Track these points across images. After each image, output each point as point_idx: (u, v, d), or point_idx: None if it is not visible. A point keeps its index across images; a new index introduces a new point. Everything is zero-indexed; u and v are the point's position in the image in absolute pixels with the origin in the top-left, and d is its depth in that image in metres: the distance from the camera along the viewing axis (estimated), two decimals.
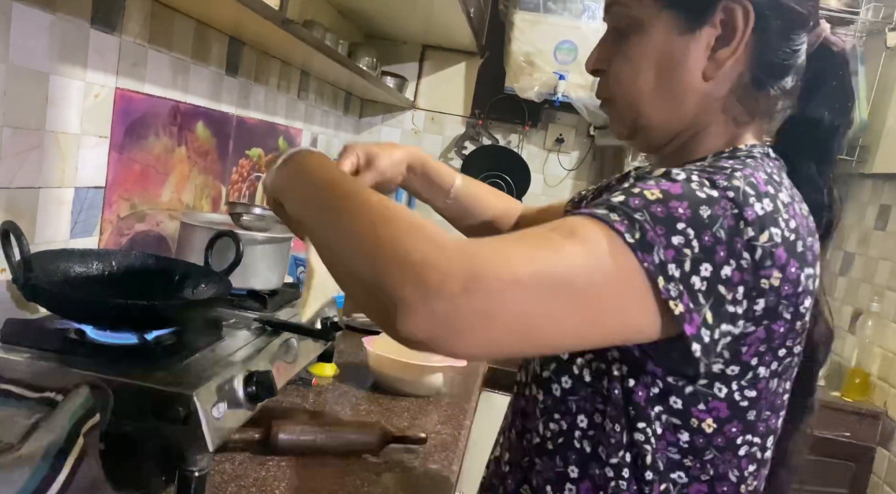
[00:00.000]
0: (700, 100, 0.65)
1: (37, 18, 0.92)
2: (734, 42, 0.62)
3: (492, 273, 0.48)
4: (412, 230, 0.51)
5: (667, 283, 0.51)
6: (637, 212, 0.52)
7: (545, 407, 0.67)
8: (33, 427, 0.65)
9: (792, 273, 0.55)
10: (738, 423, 0.61)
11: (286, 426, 0.96)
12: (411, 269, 0.48)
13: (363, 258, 0.52)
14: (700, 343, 0.53)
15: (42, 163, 0.98)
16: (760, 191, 0.56)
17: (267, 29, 1.30)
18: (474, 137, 2.65)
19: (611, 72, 0.69)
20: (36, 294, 0.82)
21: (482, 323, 0.48)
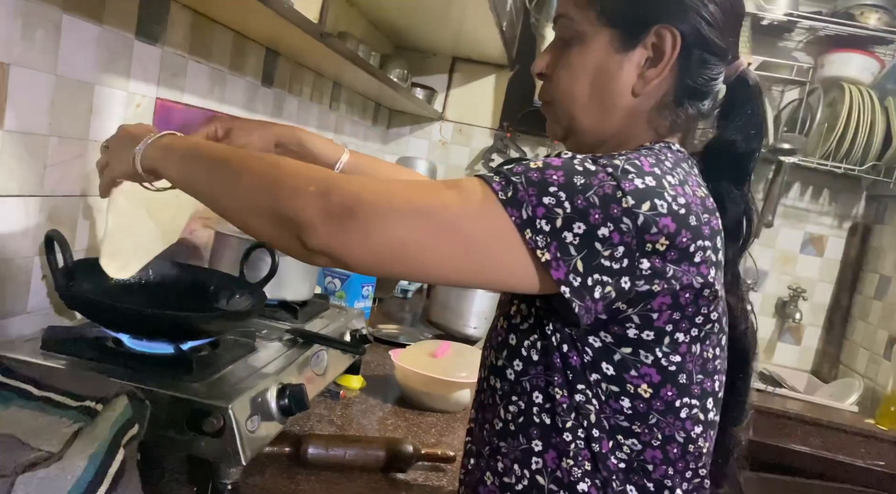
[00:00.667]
0: (627, 112, 0.73)
1: (85, 30, 0.94)
2: (661, 64, 0.70)
3: (373, 201, 0.60)
4: (306, 167, 0.65)
5: (534, 235, 0.60)
6: (515, 176, 0.61)
7: (503, 392, 0.72)
8: (74, 436, 0.65)
9: (682, 242, 0.62)
10: (672, 387, 0.66)
11: (315, 440, 0.96)
12: (310, 196, 0.60)
13: (263, 194, 0.64)
14: (569, 286, 0.60)
15: (85, 171, 0.99)
16: (643, 171, 0.63)
17: (303, 41, 1.31)
18: (502, 150, 2.65)
19: (553, 77, 0.75)
20: (77, 302, 0.83)
21: (364, 240, 0.60)
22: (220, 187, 0.69)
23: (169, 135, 0.76)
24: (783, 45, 2.52)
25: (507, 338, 0.72)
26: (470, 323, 1.84)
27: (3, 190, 0.86)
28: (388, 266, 0.63)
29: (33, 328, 0.93)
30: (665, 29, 0.69)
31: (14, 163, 0.86)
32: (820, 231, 2.56)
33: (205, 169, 0.71)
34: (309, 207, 0.60)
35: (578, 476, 0.67)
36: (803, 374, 2.51)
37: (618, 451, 0.67)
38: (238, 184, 0.66)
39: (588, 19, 0.72)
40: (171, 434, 0.76)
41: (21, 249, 0.91)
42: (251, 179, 0.65)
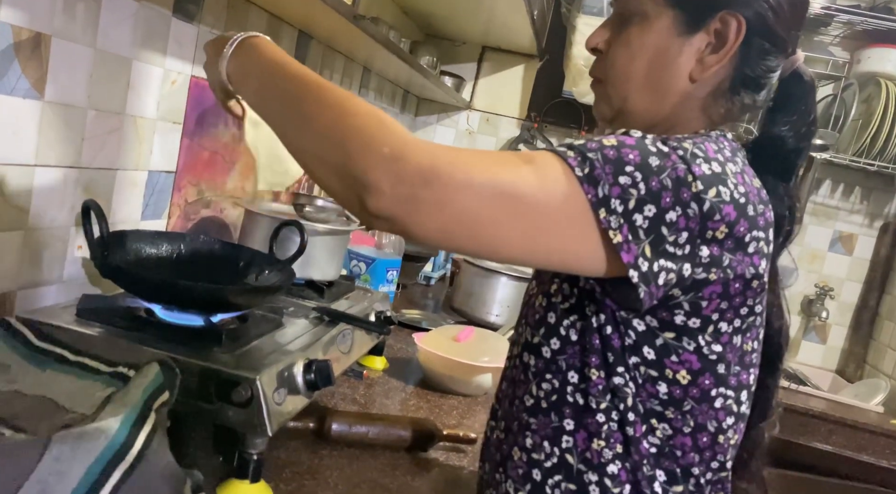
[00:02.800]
0: (682, 97, 0.71)
1: (124, 5, 0.95)
2: (723, 51, 0.69)
3: (450, 172, 0.56)
4: (380, 124, 0.58)
5: (608, 215, 0.58)
6: (591, 152, 0.59)
7: (537, 369, 0.71)
8: (107, 400, 0.67)
9: (740, 231, 0.61)
10: (710, 376, 0.66)
11: (339, 417, 0.97)
12: (382, 159, 0.56)
13: (333, 146, 0.59)
14: (637, 270, 0.59)
15: (120, 145, 1.01)
16: (709, 156, 0.62)
17: (336, 24, 1.32)
18: (528, 140, 2.64)
19: (608, 54, 0.74)
20: (112, 272, 0.84)
21: (436, 212, 0.56)
22: (291, 127, 0.64)
23: (249, 43, 0.71)
24: (819, 39, 2.47)
25: (545, 316, 0.71)
26: (493, 311, 1.84)
27: (42, 160, 0.88)
28: (457, 240, 0.59)
29: (68, 296, 0.95)
30: (731, 15, 0.68)
31: (53, 135, 0.88)
32: (850, 229, 2.52)
33: (279, 101, 0.66)
34: (379, 169, 0.55)
35: (609, 458, 0.67)
36: (828, 373, 2.48)
37: (650, 435, 0.67)
38: (309, 128, 0.62)
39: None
40: (200, 403, 0.77)
41: (58, 219, 0.93)
42: (323, 125, 0.60)
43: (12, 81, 0.80)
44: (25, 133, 0.84)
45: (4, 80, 0.79)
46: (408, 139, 0.57)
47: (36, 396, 0.69)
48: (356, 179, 0.57)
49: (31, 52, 0.81)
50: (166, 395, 0.69)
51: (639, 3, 0.71)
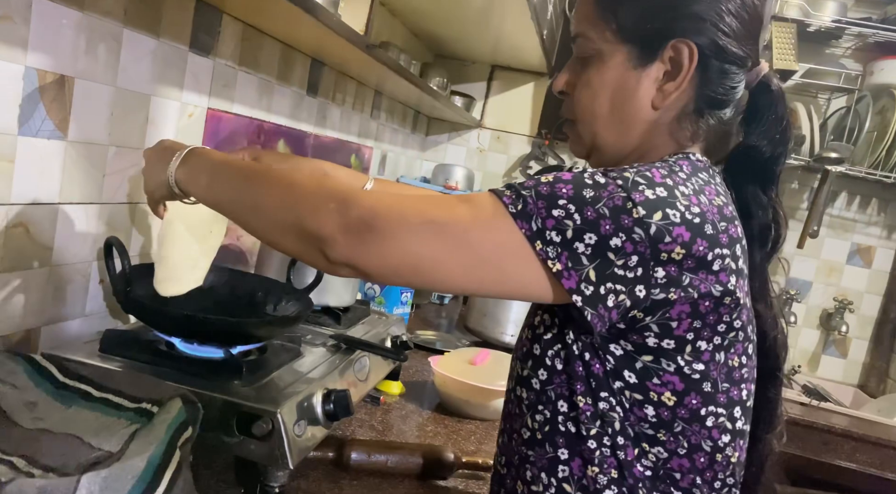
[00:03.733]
0: (648, 125, 0.73)
1: (143, 43, 0.97)
2: (679, 77, 0.71)
3: (387, 215, 0.63)
4: (322, 186, 0.67)
5: (544, 246, 0.61)
6: (525, 190, 0.63)
7: (529, 402, 0.72)
8: (132, 437, 0.68)
9: (699, 250, 0.62)
10: (696, 395, 0.67)
11: (358, 446, 0.98)
12: (329, 213, 0.63)
13: (287, 214, 0.66)
14: (580, 295, 0.62)
15: (140, 180, 1.03)
16: (654, 182, 0.64)
17: (349, 52, 1.34)
18: (540, 157, 2.65)
19: (573, 95, 0.76)
20: (133, 307, 0.86)
21: (382, 253, 0.63)
22: (245, 207, 0.71)
23: (196, 151, 0.77)
24: (830, 51, 2.46)
25: (531, 348, 0.72)
26: (507, 331, 1.84)
27: (66, 197, 0.90)
28: (406, 277, 0.65)
29: (90, 330, 0.97)
30: (682, 43, 0.70)
31: (76, 172, 0.90)
32: (868, 241, 2.50)
33: (230, 188, 0.73)
34: (329, 223, 0.63)
35: (604, 484, 0.68)
36: (849, 388, 2.44)
37: (643, 459, 0.68)
38: (262, 205, 0.69)
39: (604, 38, 0.72)
40: (221, 436, 0.78)
41: (81, 254, 0.95)
42: (274, 199, 0.68)
43: (38, 123, 0.82)
44: (50, 172, 0.86)
45: (30, 122, 0.81)
46: (351, 192, 0.65)
47: (62, 433, 0.70)
48: (312, 235, 0.64)
49: (56, 94, 0.84)
50: (189, 431, 0.69)
51: (593, 43, 0.73)
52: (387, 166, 2.30)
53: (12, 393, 0.73)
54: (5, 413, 0.71)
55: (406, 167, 2.55)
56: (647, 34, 0.71)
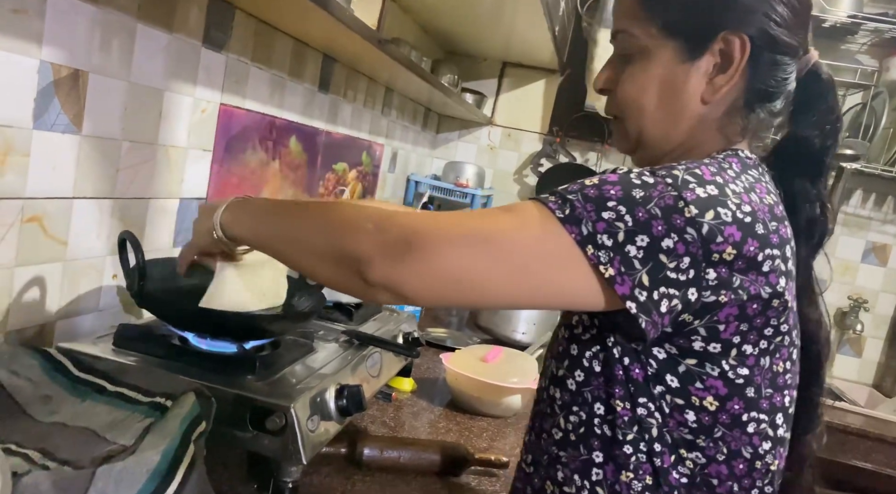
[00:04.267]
0: (696, 120, 0.71)
1: (156, 38, 0.97)
2: (731, 70, 0.68)
3: (428, 231, 0.60)
4: (360, 209, 0.66)
5: (596, 250, 0.59)
6: (570, 194, 0.61)
7: (563, 402, 0.71)
8: (146, 431, 0.68)
9: (750, 251, 0.60)
10: (739, 400, 0.65)
11: (371, 442, 0.97)
12: (368, 234, 0.62)
13: (326, 241, 0.65)
14: (635, 301, 0.59)
15: (153, 174, 1.03)
16: (704, 180, 0.62)
17: (361, 47, 1.33)
18: (551, 154, 2.64)
19: (618, 92, 0.74)
20: (147, 301, 0.86)
21: (423, 272, 0.60)
22: (286, 239, 0.70)
23: (240, 198, 0.77)
24: (846, 47, 2.43)
25: (568, 348, 0.71)
26: (519, 329, 1.83)
27: (80, 192, 0.90)
28: (448, 295, 0.62)
29: (104, 324, 0.97)
30: (732, 34, 0.68)
31: (90, 167, 0.90)
32: (883, 240, 2.47)
33: (272, 224, 0.72)
34: (367, 242, 0.61)
35: (638, 490, 0.66)
36: (864, 388, 2.42)
37: (680, 466, 0.66)
38: (301, 233, 0.68)
39: (649, 34, 0.70)
40: (234, 431, 0.78)
41: (94, 249, 0.95)
42: (312, 226, 0.68)
43: (52, 117, 0.82)
44: (64, 167, 0.86)
45: (45, 116, 0.81)
46: (389, 212, 0.64)
47: (77, 427, 0.70)
48: (350, 258, 0.62)
49: (70, 88, 0.84)
50: (203, 425, 0.69)
51: (636, 40, 0.71)
52: (397, 163, 2.29)
53: (28, 386, 0.73)
54: (21, 407, 0.71)
55: (417, 164, 2.54)
56: (695, 27, 0.69)
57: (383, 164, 2.13)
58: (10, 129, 0.77)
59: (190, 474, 0.62)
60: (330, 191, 1.72)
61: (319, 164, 1.62)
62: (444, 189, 2.42)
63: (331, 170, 1.70)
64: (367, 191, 2.02)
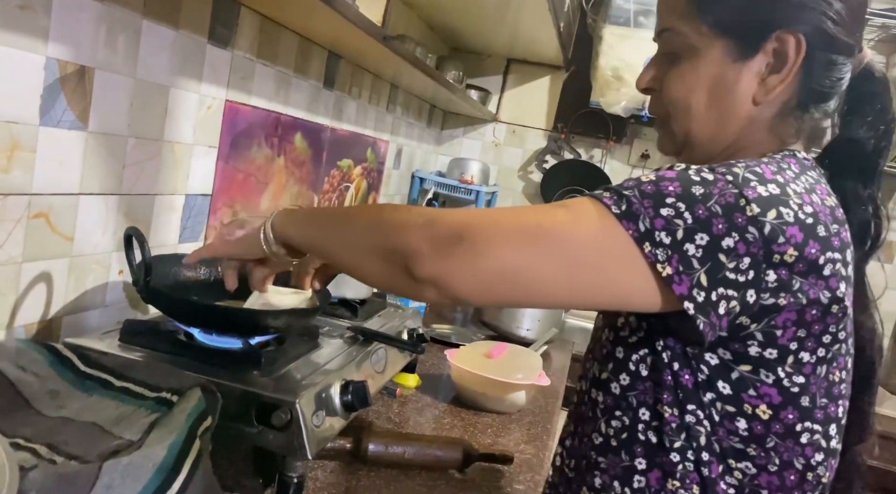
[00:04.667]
0: (747, 122, 0.69)
1: (162, 35, 0.97)
2: (784, 70, 0.66)
3: (479, 225, 0.59)
4: (408, 207, 0.65)
5: (654, 248, 0.57)
6: (627, 190, 0.59)
7: (605, 406, 0.69)
8: (152, 426, 0.68)
9: (811, 253, 0.58)
10: (793, 410, 0.63)
11: (376, 438, 0.98)
12: (417, 227, 0.60)
13: (373, 236, 0.64)
14: (693, 302, 0.57)
15: (159, 171, 1.03)
16: (765, 178, 0.60)
17: (366, 44, 1.33)
18: (556, 151, 2.63)
19: (664, 92, 0.72)
20: (153, 297, 0.86)
21: (474, 267, 0.58)
22: (336, 239, 0.70)
23: (286, 209, 0.78)
24: None
25: (613, 351, 0.69)
26: (523, 325, 1.83)
27: (86, 188, 0.90)
28: (498, 292, 0.60)
29: (110, 320, 0.98)
30: (787, 33, 0.65)
31: (96, 163, 0.91)
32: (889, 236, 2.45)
33: (323, 225, 0.72)
34: (415, 236, 0.60)
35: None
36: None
37: (728, 476, 0.64)
38: (351, 232, 0.68)
39: (699, 32, 0.67)
40: (240, 426, 0.78)
41: (101, 245, 0.95)
42: (362, 225, 0.67)
43: (59, 114, 0.82)
44: (70, 163, 0.86)
45: (52, 112, 0.81)
46: (440, 209, 0.63)
47: (84, 422, 0.70)
48: (398, 252, 0.61)
49: (76, 84, 0.84)
50: (209, 420, 0.69)
51: (685, 38, 0.68)
52: (402, 160, 2.29)
53: (35, 381, 0.74)
54: (28, 402, 0.72)
55: (421, 161, 2.54)
56: (748, 26, 0.66)
57: (388, 161, 2.13)
58: (17, 126, 0.77)
59: (196, 468, 0.63)
60: (335, 187, 1.73)
61: (325, 161, 1.63)
62: (449, 185, 2.42)
63: (336, 167, 1.71)
64: (372, 187, 2.03)
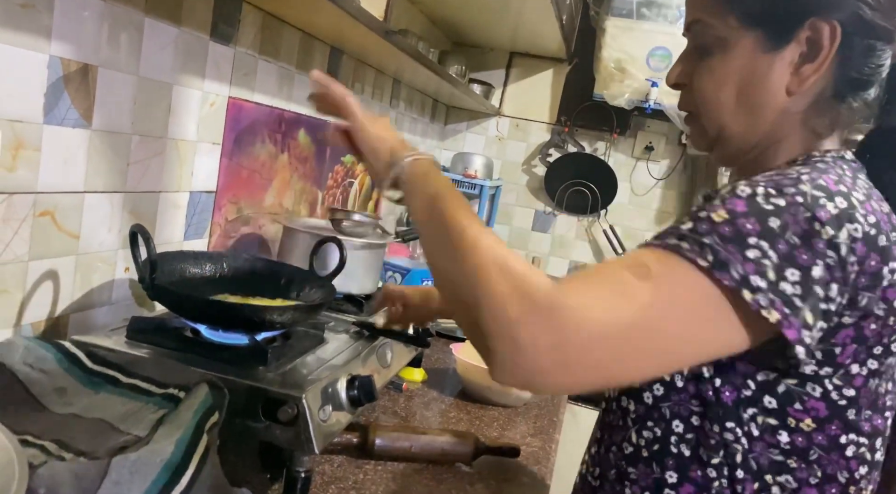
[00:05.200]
0: (779, 114, 0.66)
1: (164, 32, 0.97)
2: (819, 59, 0.63)
3: (574, 328, 0.52)
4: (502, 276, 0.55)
5: (754, 295, 0.53)
6: (706, 237, 0.55)
7: (637, 415, 0.68)
8: (159, 422, 0.69)
9: (871, 266, 0.56)
10: (839, 422, 0.61)
11: (382, 432, 0.98)
12: (505, 327, 0.53)
13: (465, 289, 0.57)
14: (803, 345, 0.54)
15: (163, 168, 1.04)
16: (831, 191, 0.57)
17: (368, 39, 1.33)
18: (559, 144, 2.63)
19: (693, 86, 0.70)
20: (159, 294, 0.86)
21: (566, 372, 0.53)
22: (440, 255, 0.63)
23: (425, 165, 0.72)
24: None
25: None
26: None
27: (91, 186, 0.90)
28: (591, 386, 0.56)
29: (117, 317, 0.98)
30: (821, 21, 0.62)
31: (100, 161, 0.91)
32: None
33: (438, 227, 0.64)
34: (501, 340, 0.53)
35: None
36: None
37: (765, 492, 0.62)
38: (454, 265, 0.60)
39: (727, 24, 0.65)
40: (247, 421, 0.78)
41: (106, 243, 0.96)
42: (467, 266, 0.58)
43: (62, 112, 0.82)
44: (75, 161, 0.87)
45: (55, 111, 0.81)
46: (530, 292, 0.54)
47: (92, 418, 0.71)
48: (483, 338, 0.55)
49: (80, 83, 0.84)
50: (216, 416, 0.70)
51: (713, 31, 0.66)
52: None
53: (43, 378, 0.74)
54: (36, 399, 0.72)
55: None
56: (779, 15, 0.64)
57: None
58: (21, 124, 0.78)
59: (203, 464, 0.63)
60: (339, 183, 1.73)
61: (328, 157, 1.63)
62: (453, 180, 2.42)
63: (339, 163, 1.71)
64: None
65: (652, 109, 2.32)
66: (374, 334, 1.06)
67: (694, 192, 2.51)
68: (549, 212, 2.67)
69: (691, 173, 2.53)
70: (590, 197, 2.57)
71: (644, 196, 2.61)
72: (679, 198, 2.58)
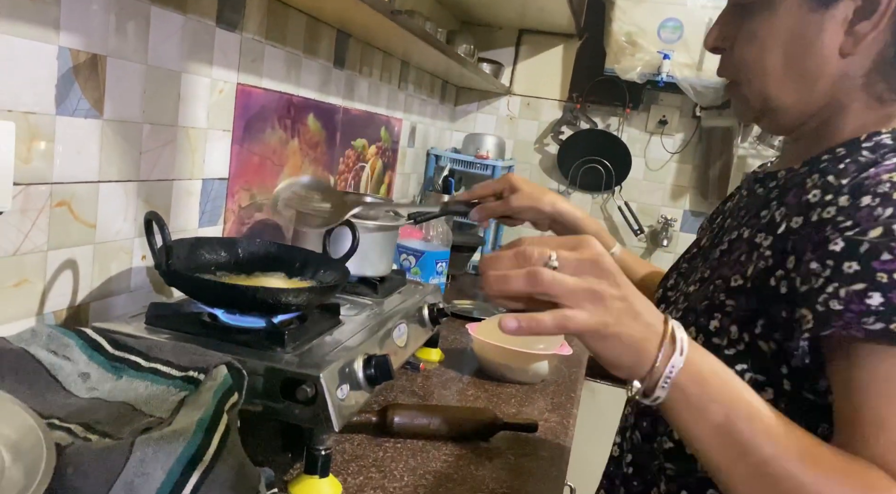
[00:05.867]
0: (837, 79, 0.61)
1: (171, 20, 0.98)
2: (876, 14, 0.57)
3: None
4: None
5: None
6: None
7: None
8: (181, 404, 0.70)
9: None
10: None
11: (401, 410, 0.99)
12: None
13: None
14: None
15: (175, 156, 1.05)
16: None
17: (374, 20, 1.32)
18: (571, 122, 2.61)
19: (734, 51, 0.65)
20: (176, 279, 0.88)
21: None
22: (720, 472, 0.52)
23: (697, 365, 0.51)
24: None
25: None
26: None
27: (105, 175, 0.91)
28: None
29: (136, 304, 1.00)
30: None
31: (113, 151, 0.92)
32: None
33: (713, 440, 0.51)
34: None
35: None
36: None
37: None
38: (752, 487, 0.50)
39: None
40: (267, 402, 0.79)
41: (123, 231, 0.97)
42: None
43: (74, 103, 0.83)
44: (89, 151, 0.88)
45: (67, 102, 0.82)
46: None
47: (115, 402, 0.73)
48: None
49: (89, 73, 0.85)
50: (235, 396, 0.71)
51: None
52: (417, 138, 2.29)
53: (67, 365, 0.76)
54: (61, 384, 0.74)
55: (436, 138, 2.54)
56: None
57: (402, 139, 2.12)
58: (34, 116, 0.79)
59: (224, 443, 0.64)
60: (350, 167, 1.73)
61: (339, 141, 1.63)
62: (465, 162, 2.41)
63: (350, 147, 1.71)
64: (388, 166, 2.03)
65: (665, 82, 2.30)
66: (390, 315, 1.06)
67: (709, 165, 2.48)
68: (564, 191, 2.65)
69: (706, 146, 2.50)
70: (604, 173, 2.55)
71: (659, 171, 2.59)
72: (694, 171, 2.55)
